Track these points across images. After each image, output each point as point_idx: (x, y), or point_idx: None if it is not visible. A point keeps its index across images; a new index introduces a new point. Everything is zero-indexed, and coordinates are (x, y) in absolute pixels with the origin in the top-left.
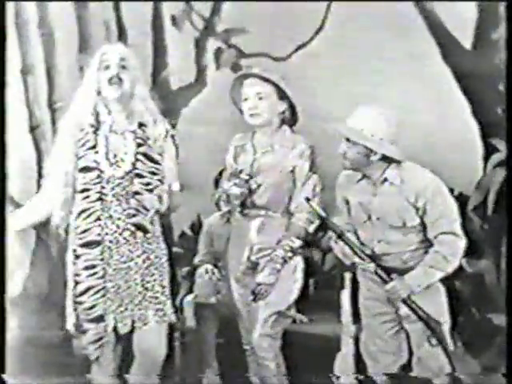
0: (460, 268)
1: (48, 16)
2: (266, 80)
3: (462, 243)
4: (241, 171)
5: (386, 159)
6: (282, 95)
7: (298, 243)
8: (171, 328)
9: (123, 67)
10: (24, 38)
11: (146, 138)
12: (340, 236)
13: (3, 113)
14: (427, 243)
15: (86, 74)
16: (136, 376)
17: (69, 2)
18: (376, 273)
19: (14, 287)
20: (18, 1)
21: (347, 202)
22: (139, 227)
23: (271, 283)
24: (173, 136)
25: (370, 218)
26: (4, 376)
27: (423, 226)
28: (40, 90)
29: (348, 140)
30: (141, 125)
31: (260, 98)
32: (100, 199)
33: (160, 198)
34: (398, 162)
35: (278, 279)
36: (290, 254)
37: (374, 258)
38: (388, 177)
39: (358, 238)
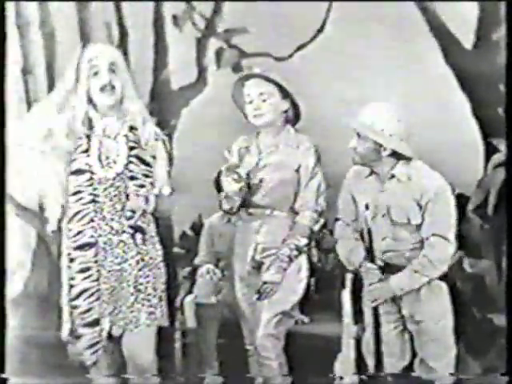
0: (460, 268)
1: (49, 16)
2: (269, 80)
3: (452, 249)
4: (237, 166)
5: (396, 156)
6: (285, 94)
7: (304, 242)
8: (171, 328)
9: (113, 71)
10: (25, 39)
11: (138, 140)
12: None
13: (3, 113)
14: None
15: (74, 77)
16: (138, 377)
17: (70, 3)
18: (381, 268)
19: (14, 287)
20: (18, 1)
21: (354, 200)
22: (137, 229)
23: (277, 282)
24: (164, 141)
25: (376, 214)
26: (6, 375)
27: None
28: (40, 90)
29: (358, 135)
30: (131, 128)
31: (263, 100)
32: (93, 201)
33: (146, 198)
34: (407, 159)
35: (283, 278)
36: (295, 253)
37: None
38: (395, 173)
39: (363, 236)
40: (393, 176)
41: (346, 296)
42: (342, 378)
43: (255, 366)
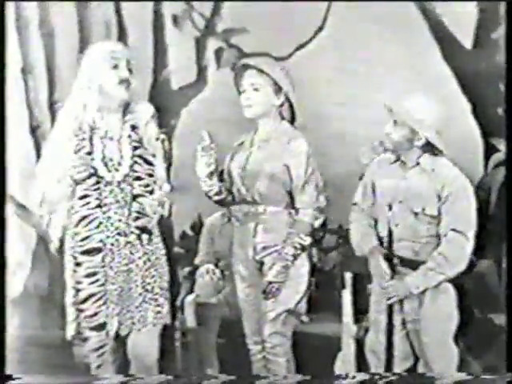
0: None
1: (48, 16)
2: (263, 72)
3: (469, 248)
4: (211, 148)
5: (426, 147)
6: (279, 89)
7: (308, 240)
8: (171, 328)
9: (130, 70)
10: (24, 38)
11: (140, 139)
12: None
13: (3, 113)
14: (438, 239)
15: (88, 72)
16: (145, 375)
17: (69, 2)
18: (390, 261)
19: (14, 287)
20: (18, 0)
21: (373, 186)
22: (144, 230)
23: (282, 281)
24: (163, 140)
25: (393, 200)
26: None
27: (440, 219)
28: (40, 90)
29: (395, 121)
30: (133, 127)
31: (255, 90)
32: (99, 206)
33: (162, 203)
34: (435, 153)
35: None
36: (299, 252)
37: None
38: (421, 162)
39: (377, 223)
40: (417, 164)
41: (346, 296)
42: (353, 376)
43: (259, 365)
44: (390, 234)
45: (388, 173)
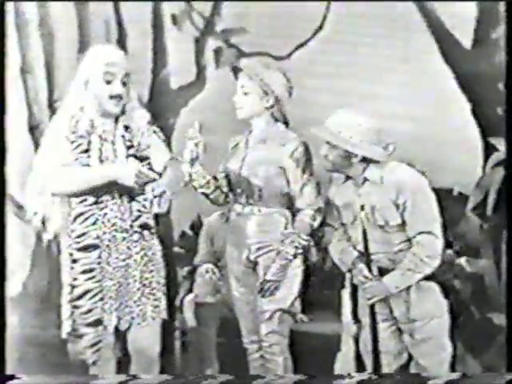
0: (460, 268)
1: (48, 16)
2: (251, 76)
3: (440, 244)
4: (196, 137)
5: (367, 160)
6: (268, 91)
7: (308, 240)
8: (171, 327)
9: (125, 84)
10: (24, 38)
11: (132, 138)
12: None
13: (3, 112)
14: (410, 243)
15: (84, 78)
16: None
17: (69, 2)
18: (369, 268)
19: (13, 286)
20: (18, 1)
21: (336, 206)
22: (145, 227)
23: (280, 280)
24: (155, 131)
25: (355, 218)
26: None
27: (405, 225)
28: (40, 90)
29: (328, 143)
30: (127, 128)
31: (244, 93)
32: (96, 202)
33: (159, 203)
34: (378, 162)
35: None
36: (299, 251)
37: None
38: (367, 176)
39: (350, 239)
40: (365, 179)
41: (346, 295)
42: (352, 376)
43: (256, 365)
44: (366, 248)
45: (343, 192)
